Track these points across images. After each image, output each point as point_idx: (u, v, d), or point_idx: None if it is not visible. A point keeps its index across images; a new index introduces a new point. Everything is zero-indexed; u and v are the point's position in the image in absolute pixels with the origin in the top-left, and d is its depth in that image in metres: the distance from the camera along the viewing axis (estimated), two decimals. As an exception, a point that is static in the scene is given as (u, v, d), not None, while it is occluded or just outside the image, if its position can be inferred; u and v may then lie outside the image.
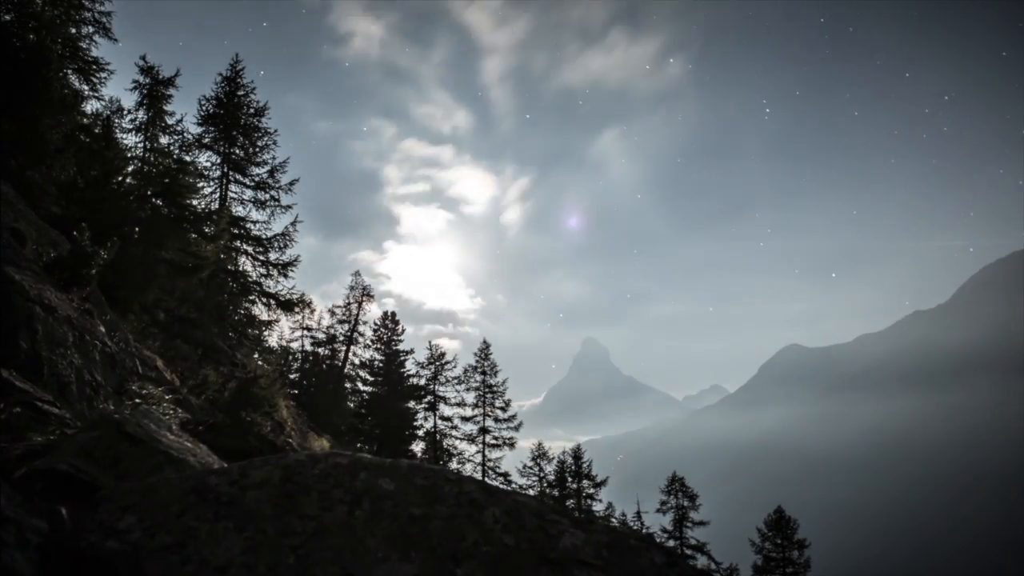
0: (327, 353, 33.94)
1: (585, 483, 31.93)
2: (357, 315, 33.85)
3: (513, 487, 31.18)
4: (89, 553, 3.13)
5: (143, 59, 19.06)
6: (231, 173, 23.88)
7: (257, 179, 24.26)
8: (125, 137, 18.47)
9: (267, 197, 24.34)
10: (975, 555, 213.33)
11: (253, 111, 24.03)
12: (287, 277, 24.07)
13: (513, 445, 32.46)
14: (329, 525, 3.45)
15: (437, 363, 32.33)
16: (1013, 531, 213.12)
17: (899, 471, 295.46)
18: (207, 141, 23.30)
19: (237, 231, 23.27)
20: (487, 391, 32.27)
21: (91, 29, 18.12)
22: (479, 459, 31.72)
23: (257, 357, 23.38)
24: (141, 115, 18.85)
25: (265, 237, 23.92)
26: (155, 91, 18.87)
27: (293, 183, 24.47)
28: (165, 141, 19.82)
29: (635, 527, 31.64)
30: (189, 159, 20.04)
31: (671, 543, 30.73)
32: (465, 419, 32.25)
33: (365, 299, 34.28)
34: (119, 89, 40.29)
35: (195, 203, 18.36)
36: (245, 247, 23.79)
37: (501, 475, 31.90)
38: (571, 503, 31.34)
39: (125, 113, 18.41)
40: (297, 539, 3.33)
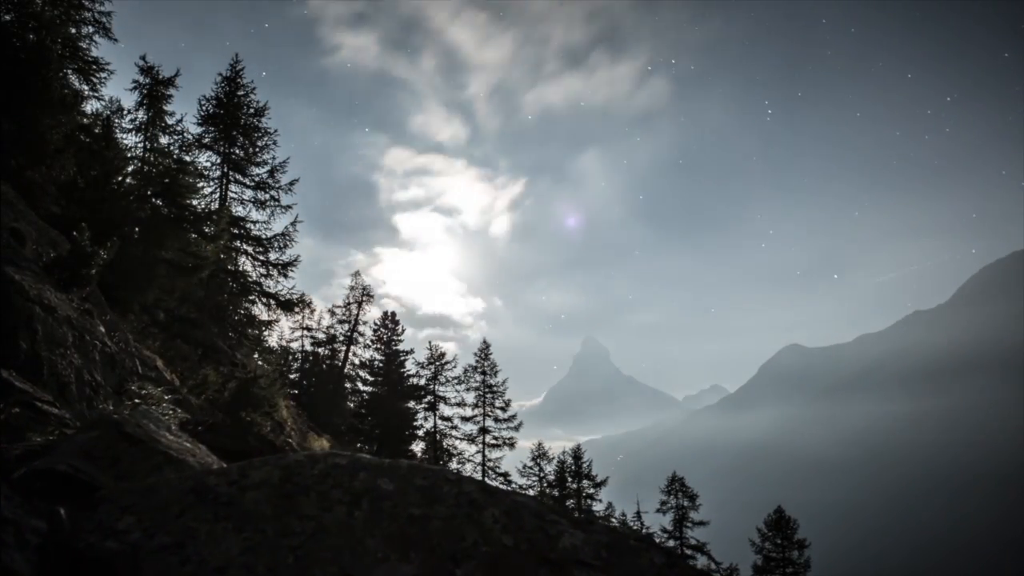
0: (327, 353, 33.94)
1: (585, 483, 31.92)
2: (357, 315, 33.87)
3: (513, 487, 31.16)
4: (88, 553, 3.14)
5: (143, 59, 19.07)
6: (231, 173, 23.87)
7: (257, 179, 24.26)
8: (125, 137, 18.50)
9: (267, 197, 24.35)
10: (974, 555, 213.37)
11: (253, 111, 24.03)
12: (287, 277, 24.09)
13: (513, 445, 32.45)
14: (328, 525, 3.45)
15: (437, 363, 32.32)
16: (1012, 531, 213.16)
17: (898, 471, 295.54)
18: (207, 141, 23.29)
19: (237, 231, 23.26)
20: (487, 391, 32.26)
21: (91, 29, 18.14)
22: (479, 459, 31.72)
23: (257, 357, 23.37)
24: (141, 115, 18.87)
25: (265, 237, 23.93)
26: (155, 91, 18.88)
27: (293, 183, 24.48)
28: (165, 141, 19.84)
29: (635, 527, 31.63)
30: (189, 159, 20.04)
31: (671, 543, 30.72)
32: (465, 419, 32.24)
33: (365, 299, 34.29)
34: (119, 89, 40.29)
35: (195, 203, 18.36)
36: (245, 247, 23.79)
37: (501, 475, 31.88)
38: (571, 503, 31.32)
39: (125, 113, 18.43)
40: (296, 539, 3.33)
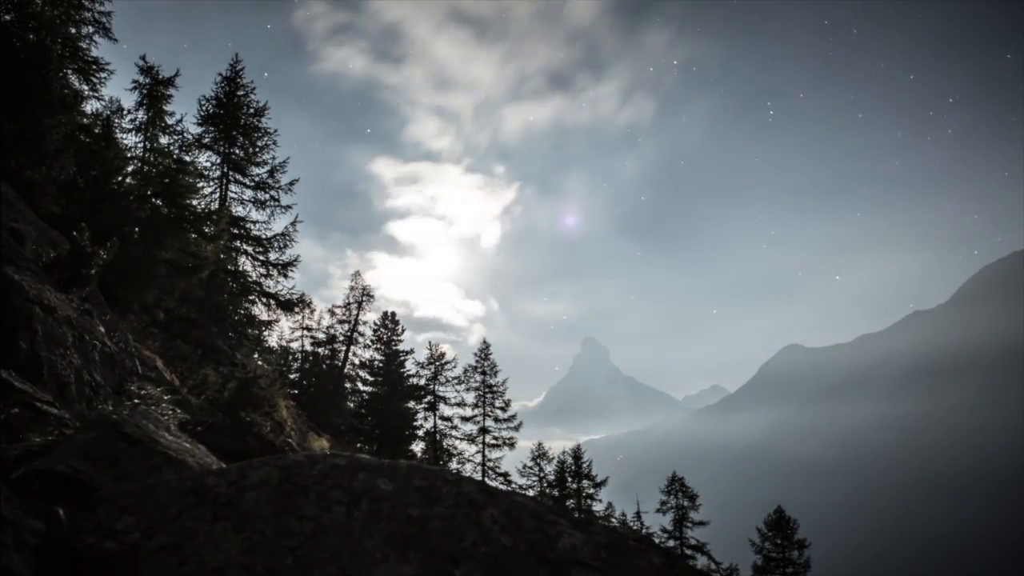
0: (327, 353, 33.95)
1: (585, 483, 31.91)
2: (357, 315, 33.87)
3: (513, 487, 31.15)
4: (87, 554, 3.13)
5: (143, 59, 19.09)
6: (231, 173, 23.87)
7: (257, 179, 24.27)
8: (125, 137, 18.52)
9: (267, 197, 24.35)
10: (974, 556, 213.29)
11: (253, 111, 24.03)
12: (287, 277, 24.10)
13: (513, 445, 32.44)
14: (327, 526, 3.45)
15: (437, 363, 32.32)
16: (1012, 532, 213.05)
17: (899, 471, 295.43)
18: (207, 141, 23.30)
19: (237, 231, 23.26)
20: (487, 391, 32.25)
21: (91, 29, 18.16)
22: (479, 459, 31.71)
23: (257, 357, 23.38)
24: (141, 115, 18.89)
25: (265, 237, 23.94)
26: (155, 91, 18.90)
27: (293, 183, 24.48)
28: (165, 141, 19.87)
29: (635, 527, 31.62)
30: (189, 159, 20.05)
31: (671, 543, 30.71)
32: (465, 419, 32.23)
33: (365, 299, 34.30)
34: (119, 89, 40.29)
35: (195, 203, 18.36)
36: (245, 247, 23.79)
37: (501, 475, 31.88)
38: (571, 503, 31.32)
39: (125, 113, 18.45)
40: (295, 540, 3.33)
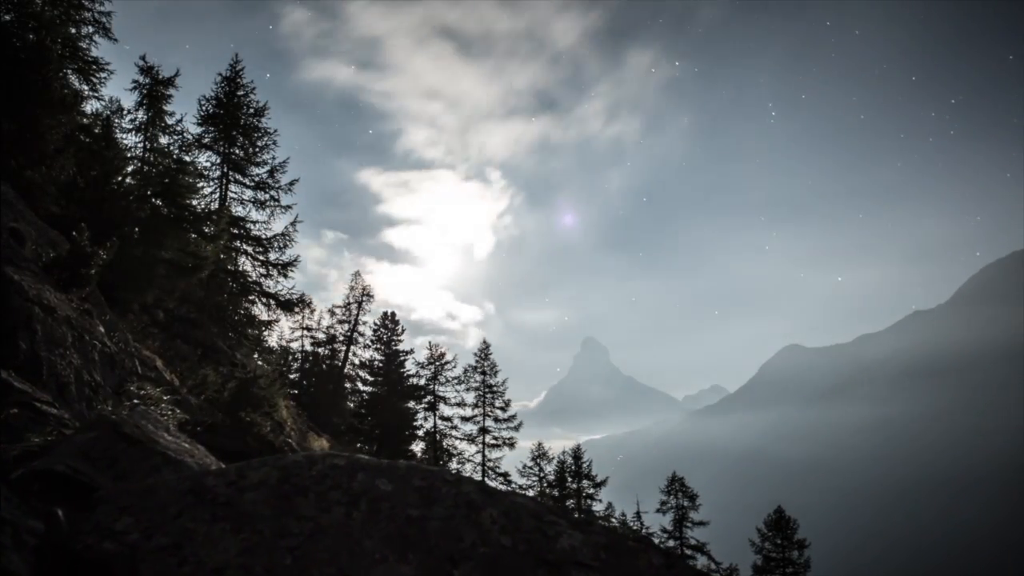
0: (327, 353, 33.95)
1: (585, 483, 31.90)
2: (357, 315, 33.88)
3: (513, 487, 31.14)
4: (86, 555, 3.13)
5: (143, 59, 19.09)
6: (231, 173, 23.88)
7: (257, 179, 24.27)
8: (125, 137, 18.53)
9: (267, 197, 24.36)
10: (975, 557, 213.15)
11: (253, 111, 24.04)
12: (287, 277, 24.12)
13: (513, 445, 32.43)
14: (326, 526, 3.44)
15: (437, 363, 32.31)
16: (1013, 533, 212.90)
17: (899, 472, 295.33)
18: (207, 141, 23.31)
19: (237, 231, 23.27)
20: (487, 391, 32.24)
21: (91, 29, 18.17)
22: (479, 459, 31.70)
23: (257, 357, 23.38)
24: (141, 115, 18.91)
25: (265, 237, 23.95)
26: (155, 91, 18.91)
27: (293, 183, 24.49)
28: (165, 141, 19.89)
29: (635, 527, 31.61)
30: (189, 159, 20.07)
31: (671, 543, 30.70)
32: (465, 419, 32.22)
33: (365, 299, 34.30)
34: (119, 89, 40.31)
35: (195, 203, 18.37)
36: (245, 247, 23.80)
37: (501, 475, 31.87)
38: (571, 503, 31.31)
39: (125, 113, 18.46)
40: (294, 540, 3.33)
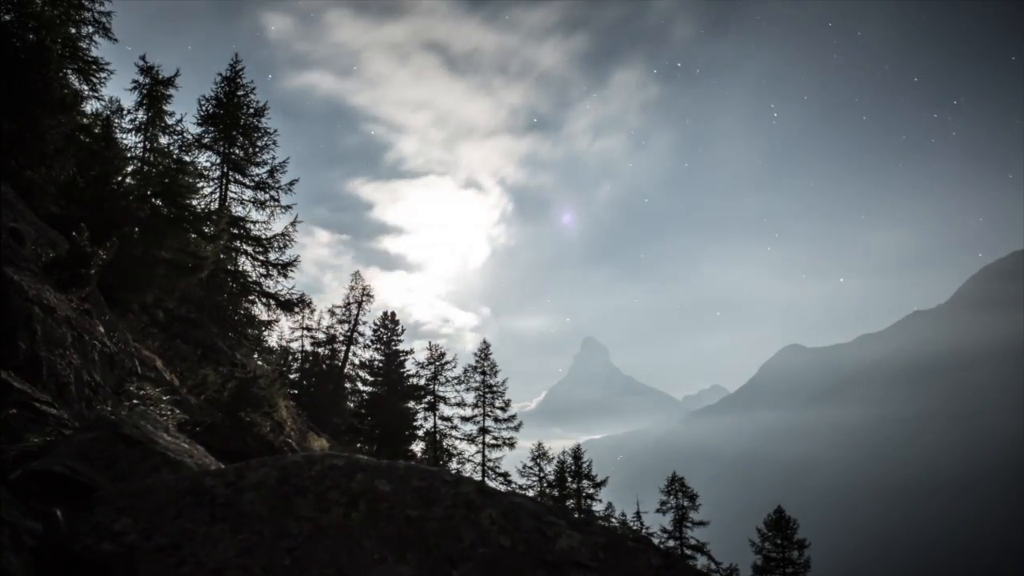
0: (327, 353, 33.95)
1: (585, 483, 31.90)
2: (357, 315, 33.88)
3: (513, 487, 31.14)
4: (84, 555, 3.13)
5: (143, 59, 19.09)
6: (231, 173, 23.89)
7: (257, 179, 24.29)
8: (125, 137, 18.53)
9: (267, 197, 24.38)
10: (975, 557, 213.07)
11: (253, 111, 24.05)
12: (287, 277, 24.14)
13: (513, 445, 32.43)
14: (325, 527, 3.44)
15: (437, 363, 32.31)
16: (1013, 533, 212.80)
17: (899, 472, 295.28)
18: (207, 141, 23.32)
19: (237, 231, 23.28)
20: (487, 391, 32.24)
21: (91, 29, 18.15)
22: (479, 459, 31.70)
23: (257, 357, 23.37)
24: (141, 115, 18.90)
25: (265, 237, 23.97)
26: (155, 91, 18.90)
27: (293, 183, 24.51)
28: (165, 141, 19.89)
29: (635, 527, 31.60)
30: (189, 159, 20.08)
31: (671, 543, 30.70)
32: (465, 419, 32.22)
33: (365, 299, 34.31)
34: (119, 89, 40.30)
35: (195, 203, 18.38)
36: (245, 247, 23.81)
37: (501, 475, 31.87)
38: (571, 503, 31.30)
39: (125, 113, 18.46)
40: (293, 541, 3.33)
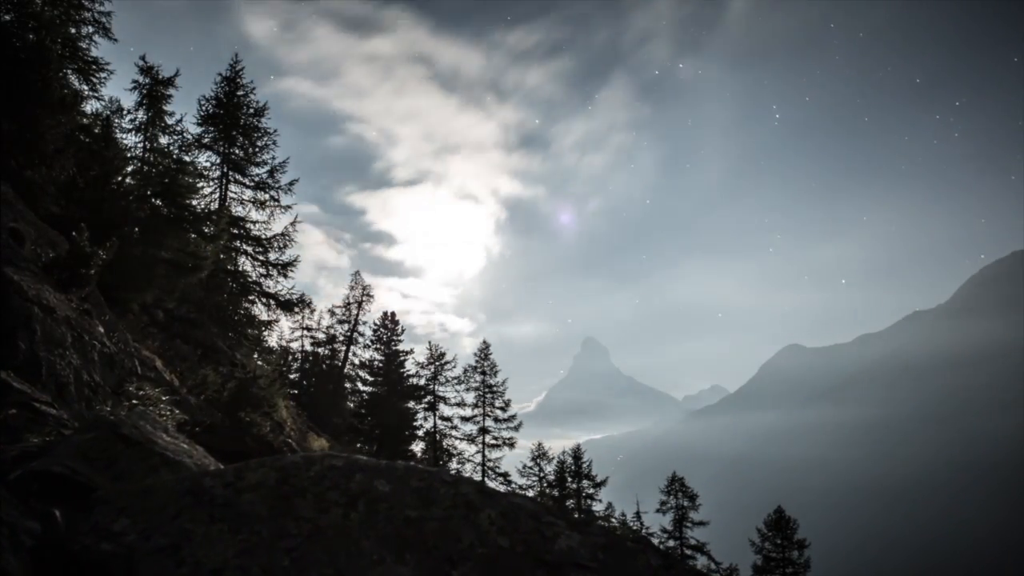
0: (327, 353, 33.96)
1: (585, 483, 31.89)
2: (357, 315, 33.89)
3: (513, 487, 31.14)
4: (83, 556, 3.13)
5: (143, 59, 19.08)
6: (231, 173, 23.90)
7: (257, 179, 24.29)
8: (125, 137, 18.52)
9: (267, 197, 24.38)
10: (976, 557, 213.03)
11: (253, 111, 24.05)
12: (287, 277, 24.14)
13: (513, 445, 32.43)
14: (324, 527, 3.44)
15: (437, 363, 32.31)
16: (1013, 533, 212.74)
17: (899, 472, 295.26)
18: (207, 141, 23.33)
19: (237, 231, 23.29)
20: (487, 391, 32.23)
21: (91, 29, 18.14)
22: (479, 459, 31.69)
23: (257, 357, 23.38)
24: (141, 115, 18.89)
25: (265, 237, 23.97)
26: (155, 91, 18.89)
27: (293, 183, 24.51)
28: (165, 141, 19.87)
29: (635, 527, 31.60)
30: (189, 159, 20.07)
31: (671, 543, 30.70)
32: (465, 419, 32.21)
33: (365, 299, 34.31)
34: (119, 89, 40.29)
35: (195, 203, 18.38)
36: (245, 247, 23.82)
37: (501, 475, 31.87)
38: (571, 503, 31.30)
39: (125, 113, 18.44)
40: (292, 541, 3.33)
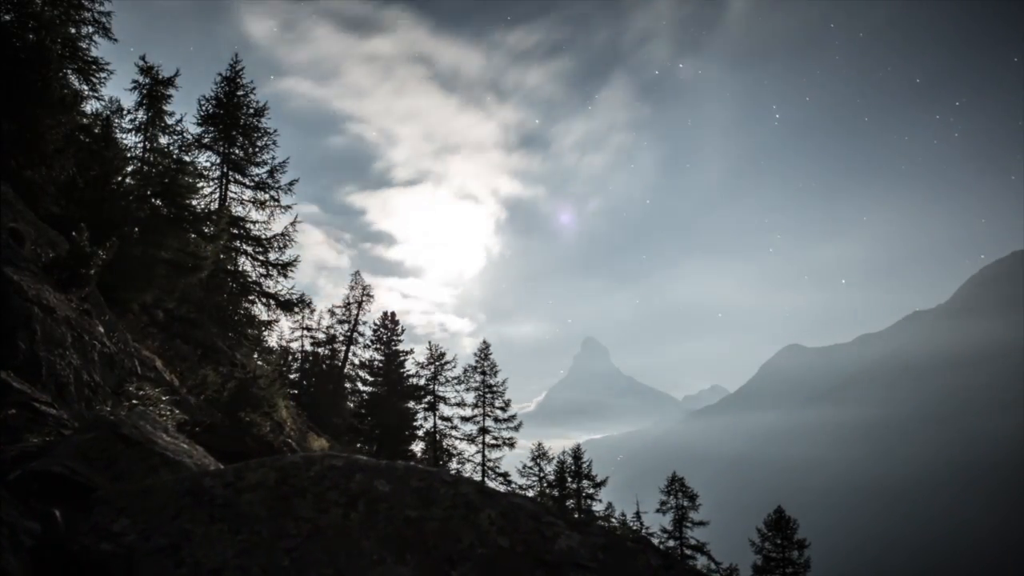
0: (327, 353, 33.96)
1: (585, 483, 31.91)
2: (357, 315, 33.89)
3: (513, 487, 31.15)
4: (83, 556, 3.13)
5: (143, 59, 19.07)
6: (231, 173, 23.90)
7: (257, 179, 24.30)
8: (125, 137, 18.51)
9: (267, 197, 24.38)
10: (975, 557, 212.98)
11: (253, 111, 24.05)
12: (287, 277, 24.14)
13: (513, 445, 32.44)
14: (324, 527, 3.44)
15: (437, 363, 32.32)
16: (1013, 533, 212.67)
17: (899, 472, 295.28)
18: (207, 141, 23.33)
19: (237, 231, 23.29)
20: (487, 391, 32.25)
21: (91, 29, 18.14)
22: (479, 459, 31.70)
23: (257, 357, 23.38)
24: (141, 115, 18.88)
25: (265, 237, 23.97)
26: (155, 91, 18.88)
27: (293, 183, 24.51)
28: (165, 141, 19.86)
29: (635, 527, 31.61)
30: (189, 159, 20.07)
31: (671, 543, 30.71)
32: (465, 419, 32.24)
33: (365, 299, 34.31)
34: (119, 89, 40.28)
35: (194, 203, 18.38)
36: (245, 247, 23.82)
37: (501, 475, 31.88)
38: (571, 503, 31.31)
39: (125, 113, 18.43)
40: (292, 542, 3.32)
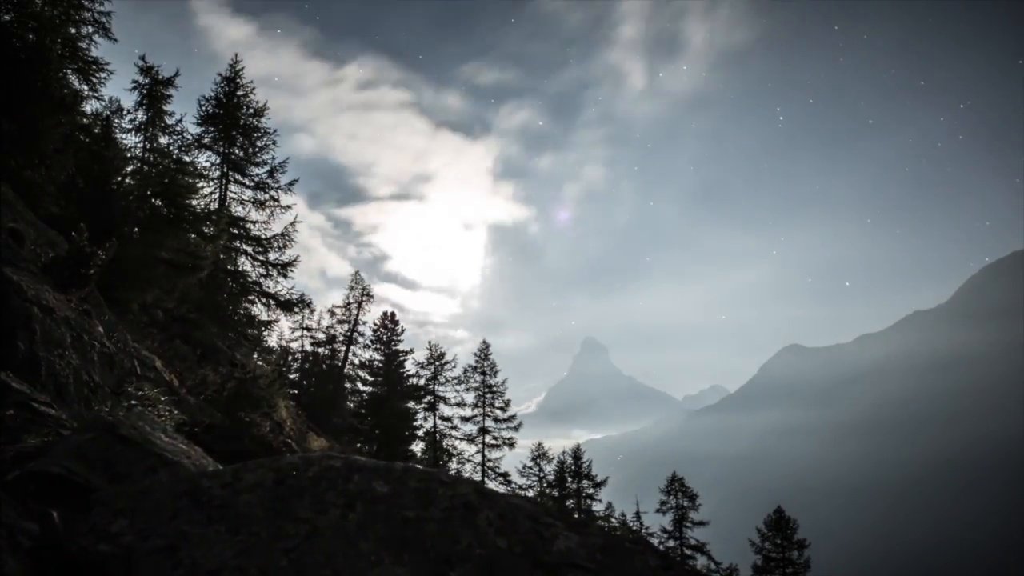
0: (327, 353, 33.96)
1: (585, 483, 31.90)
2: (357, 315, 33.88)
3: (513, 487, 31.15)
4: (81, 557, 3.13)
5: (143, 59, 19.08)
6: (231, 173, 23.90)
7: (257, 179, 24.30)
8: (125, 137, 18.52)
9: (267, 197, 24.38)
10: (976, 557, 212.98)
11: (252, 111, 24.05)
12: (287, 277, 24.16)
13: (513, 445, 32.44)
14: (322, 528, 3.44)
15: (437, 363, 32.32)
16: (1015, 533, 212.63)
17: (900, 472, 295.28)
18: (207, 141, 23.33)
19: (236, 231, 23.30)
20: (487, 391, 32.24)
21: (91, 29, 18.12)
22: (479, 459, 31.70)
23: (256, 357, 23.38)
24: (140, 115, 18.89)
25: (265, 237, 23.98)
26: (154, 91, 18.90)
27: (293, 183, 24.51)
28: (164, 141, 19.88)
29: (635, 527, 31.61)
30: (188, 159, 20.10)
31: (671, 543, 30.70)
32: (465, 419, 32.23)
33: (365, 299, 34.30)
34: (119, 89, 40.28)
35: (194, 203, 18.37)
36: (245, 247, 23.83)
37: (501, 475, 31.88)
38: (571, 503, 31.31)
39: (125, 113, 18.45)
40: (290, 542, 3.33)
